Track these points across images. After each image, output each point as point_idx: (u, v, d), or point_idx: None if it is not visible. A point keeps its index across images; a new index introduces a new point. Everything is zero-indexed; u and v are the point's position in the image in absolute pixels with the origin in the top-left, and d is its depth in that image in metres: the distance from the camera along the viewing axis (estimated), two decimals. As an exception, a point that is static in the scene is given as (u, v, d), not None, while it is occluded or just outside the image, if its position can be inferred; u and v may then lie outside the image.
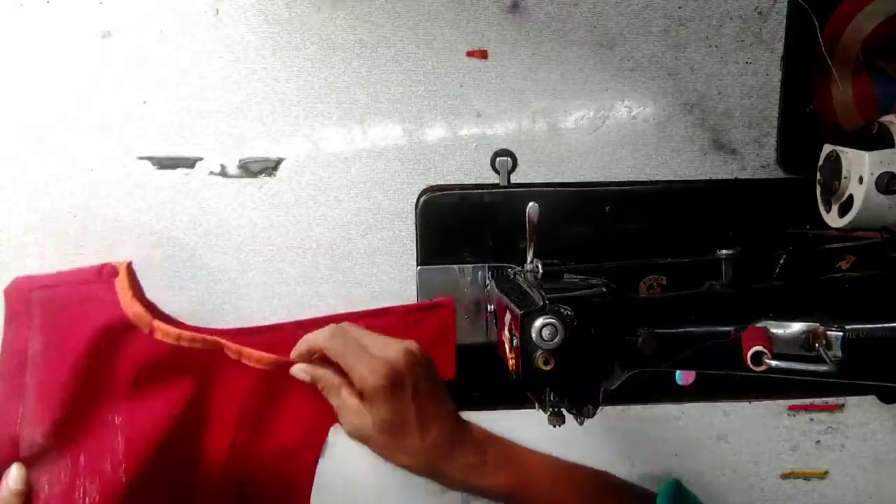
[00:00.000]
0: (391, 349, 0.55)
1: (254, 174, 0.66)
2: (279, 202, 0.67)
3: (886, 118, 0.57)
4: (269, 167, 0.66)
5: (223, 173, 0.66)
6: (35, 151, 0.65)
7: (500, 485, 0.57)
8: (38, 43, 0.64)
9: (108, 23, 0.64)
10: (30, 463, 0.55)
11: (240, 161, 0.66)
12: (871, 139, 0.57)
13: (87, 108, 0.64)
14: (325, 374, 0.57)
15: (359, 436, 0.56)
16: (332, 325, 0.58)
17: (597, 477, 0.62)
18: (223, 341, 0.60)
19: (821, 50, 0.64)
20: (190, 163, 0.65)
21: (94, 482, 0.57)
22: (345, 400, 0.56)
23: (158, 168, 0.65)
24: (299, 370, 0.58)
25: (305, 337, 0.58)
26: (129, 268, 0.60)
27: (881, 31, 0.66)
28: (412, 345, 0.56)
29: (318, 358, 0.57)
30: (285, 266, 0.67)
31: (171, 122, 0.65)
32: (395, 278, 0.68)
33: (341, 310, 0.68)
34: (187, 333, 0.59)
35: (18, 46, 0.64)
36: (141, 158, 0.65)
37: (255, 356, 0.60)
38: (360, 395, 0.55)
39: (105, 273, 0.59)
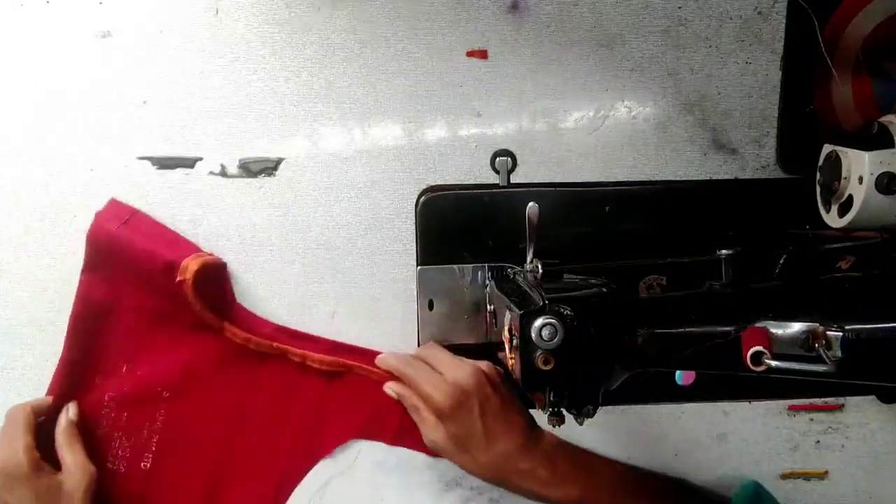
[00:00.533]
0: (460, 370, 0.61)
1: (254, 174, 0.66)
2: (279, 202, 0.67)
3: (886, 118, 0.57)
4: (269, 167, 0.66)
5: (223, 173, 0.66)
6: (35, 151, 0.65)
7: (568, 496, 0.61)
8: (38, 43, 0.64)
9: (108, 23, 0.64)
10: (85, 401, 0.65)
11: (240, 161, 0.66)
12: (871, 139, 0.57)
13: (87, 108, 0.64)
14: (407, 394, 0.64)
15: (434, 448, 0.62)
16: (411, 353, 0.66)
17: (668, 484, 0.64)
18: (287, 346, 0.67)
19: (821, 50, 0.64)
20: (190, 163, 0.65)
21: (130, 440, 0.66)
22: (423, 416, 0.62)
23: (158, 168, 0.65)
24: (388, 388, 0.65)
25: (382, 358, 0.66)
26: (201, 270, 0.63)
27: (881, 31, 0.66)
28: (483, 364, 0.62)
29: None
30: (285, 266, 0.67)
31: (171, 122, 0.65)
32: (395, 278, 0.68)
33: (341, 310, 0.68)
34: (255, 337, 0.66)
35: (18, 46, 0.64)
36: (141, 158, 0.65)
37: (318, 359, 0.67)
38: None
39: (172, 276, 0.63)
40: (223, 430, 0.67)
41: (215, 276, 0.66)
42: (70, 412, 0.64)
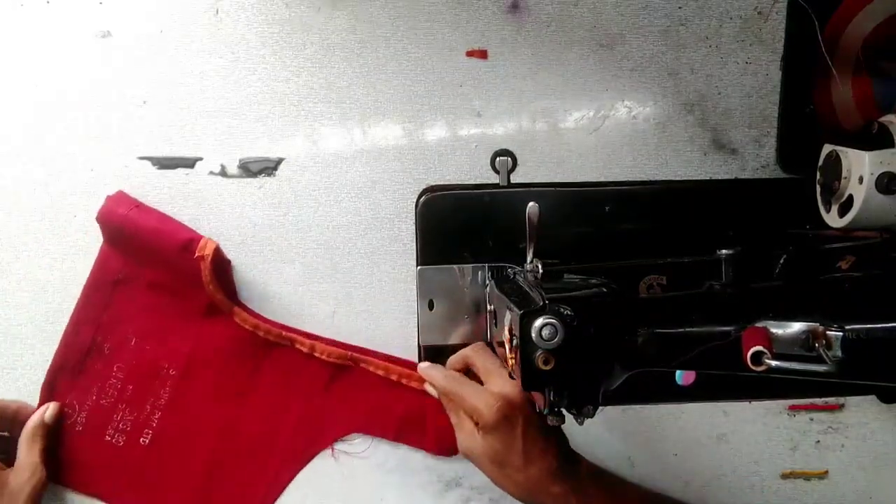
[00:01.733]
0: (510, 384, 0.60)
1: (254, 174, 0.66)
2: (279, 202, 0.67)
3: (886, 118, 0.57)
4: (269, 167, 0.66)
5: (223, 173, 0.66)
6: (35, 151, 0.65)
7: None
8: (38, 43, 0.64)
9: (107, 23, 0.64)
10: (93, 368, 0.66)
11: (240, 161, 0.66)
12: (872, 139, 0.57)
13: (87, 108, 0.64)
14: (449, 404, 0.63)
15: (469, 456, 0.62)
16: (453, 359, 0.65)
17: None
18: (296, 335, 0.67)
19: (821, 50, 0.64)
20: (190, 163, 0.65)
21: (132, 413, 0.66)
22: (462, 421, 0.61)
23: (158, 168, 0.65)
24: (429, 386, 0.65)
25: (425, 371, 0.66)
26: (216, 252, 0.65)
27: (881, 31, 0.66)
28: None
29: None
30: (285, 266, 0.67)
31: (171, 122, 0.65)
32: (395, 278, 0.68)
33: (341, 310, 0.68)
34: (263, 324, 0.67)
35: (18, 46, 0.64)
36: (141, 158, 0.65)
37: (326, 350, 0.67)
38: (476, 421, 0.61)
39: (189, 253, 0.64)
40: (225, 412, 0.67)
41: (224, 267, 0.67)
42: (48, 413, 0.65)
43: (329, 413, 0.68)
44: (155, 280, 0.66)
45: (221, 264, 0.66)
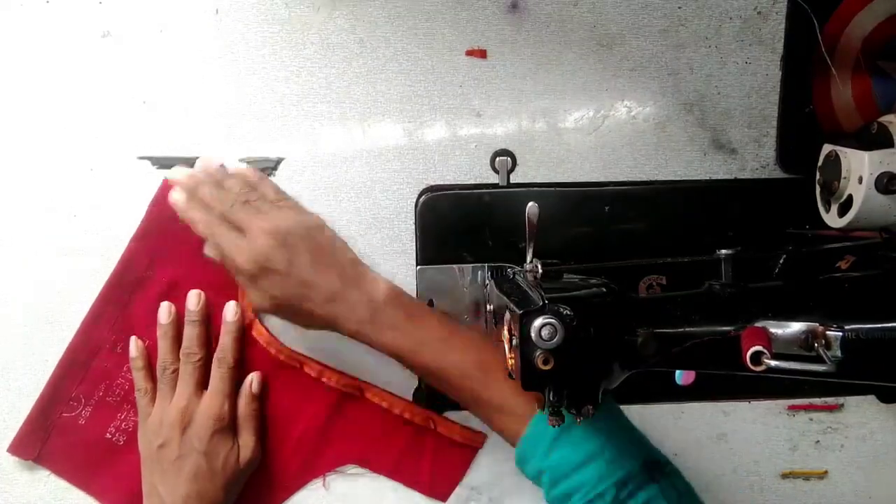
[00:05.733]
0: (280, 217, 0.59)
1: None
2: (279, 202, 0.67)
3: (886, 118, 0.57)
4: (270, 167, 0.66)
5: (223, 173, 0.66)
6: (35, 151, 0.65)
7: (391, 345, 0.59)
8: (38, 43, 0.64)
9: (108, 23, 0.64)
10: (107, 362, 0.66)
11: (240, 161, 0.66)
12: (871, 139, 0.57)
13: (87, 108, 0.64)
14: (208, 225, 0.60)
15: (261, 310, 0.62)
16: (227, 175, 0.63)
17: (490, 352, 0.60)
18: (305, 359, 0.67)
19: (820, 50, 0.64)
20: (190, 163, 0.65)
21: (137, 416, 0.66)
22: (234, 241, 0.58)
23: (158, 168, 0.65)
24: (180, 210, 0.61)
25: (175, 171, 0.63)
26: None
27: (881, 31, 0.66)
28: (314, 215, 0.63)
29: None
30: (285, 266, 0.67)
31: (170, 122, 0.65)
32: (396, 278, 0.68)
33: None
34: (276, 342, 0.67)
35: (18, 46, 0.64)
36: (141, 158, 0.65)
37: (334, 377, 0.67)
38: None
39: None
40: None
41: None
42: (254, 384, 0.66)
43: (329, 440, 0.68)
44: (176, 280, 0.66)
45: None
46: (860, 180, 0.55)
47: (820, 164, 0.61)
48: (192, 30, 0.64)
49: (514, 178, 0.67)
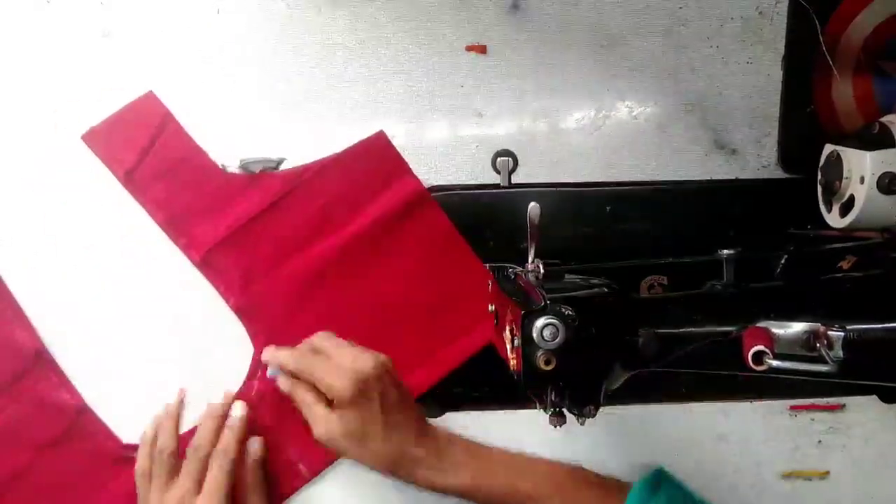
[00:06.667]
0: (359, 360, 0.59)
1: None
2: (280, 202, 0.66)
3: (888, 118, 0.57)
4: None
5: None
6: (35, 151, 0.65)
7: (461, 484, 0.61)
8: (38, 43, 0.64)
9: (108, 22, 0.64)
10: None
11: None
12: (873, 139, 0.57)
13: (87, 107, 0.64)
14: (300, 389, 0.61)
15: (329, 441, 0.59)
16: (299, 346, 0.63)
17: (562, 471, 0.63)
18: None
19: (822, 50, 0.64)
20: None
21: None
22: (314, 408, 0.60)
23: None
24: (282, 383, 0.62)
25: (272, 353, 0.63)
26: None
27: (882, 31, 0.66)
28: (382, 356, 0.61)
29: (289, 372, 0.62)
30: (286, 266, 0.67)
31: (171, 122, 0.65)
32: (396, 278, 0.68)
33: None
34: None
35: (18, 46, 0.64)
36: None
37: None
38: (330, 403, 0.60)
39: None
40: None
41: None
42: (256, 451, 0.65)
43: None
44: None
45: None
46: (862, 180, 0.55)
47: (821, 164, 0.61)
48: (193, 30, 0.64)
49: (515, 179, 0.67)
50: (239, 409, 0.65)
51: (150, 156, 0.64)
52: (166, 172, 0.64)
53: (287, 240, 0.65)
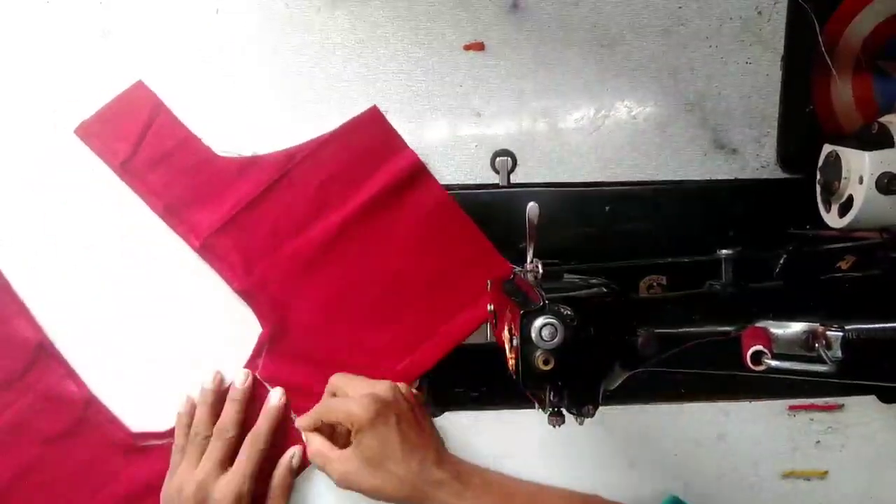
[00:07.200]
0: (376, 386, 0.61)
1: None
2: (279, 202, 0.66)
3: (887, 118, 0.57)
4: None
5: (223, 173, 0.66)
6: (35, 151, 0.65)
7: None
8: (38, 42, 0.64)
9: (107, 22, 0.64)
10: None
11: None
12: (872, 139, 0.57)
13: (87, 107, 0.64)
14: (312, 441, 0.62)
15: (348, 477, 0.60)
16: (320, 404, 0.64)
17: (580, 500, 0.63)
18: None
19: (821, 50, 0.64)
20: None
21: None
22: (329, 456, 0.60)
23: None
24: (299, 425, 0.64)
25: (303, 421, 0.63)
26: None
27: (881, 31, 0.66)
28: (399, 384, 0.63)
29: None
30: (285, 266, 0.67)
31: (171, 122, 0.65)
32: (395, 278, 0.68)
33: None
34: None
35: (18, 46, 0.64)
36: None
37: None
38: (344, 444, 0.61)
39: None
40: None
41: None
42: (294, 459, 0.66)
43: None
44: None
45: None
46: (861, 180, 0.55)
47: (820, 164, 0.61)
48: (192, 29, 0.64)
49: (514, 179, 0.67)
50: (276, 399, 0.66)
51: (144, 145, 0.64)
52: (161, 160, 0.64)
53: (287, 220, 0.65)
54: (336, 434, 0.63)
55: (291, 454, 0.66)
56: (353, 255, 0.66)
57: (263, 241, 0.65)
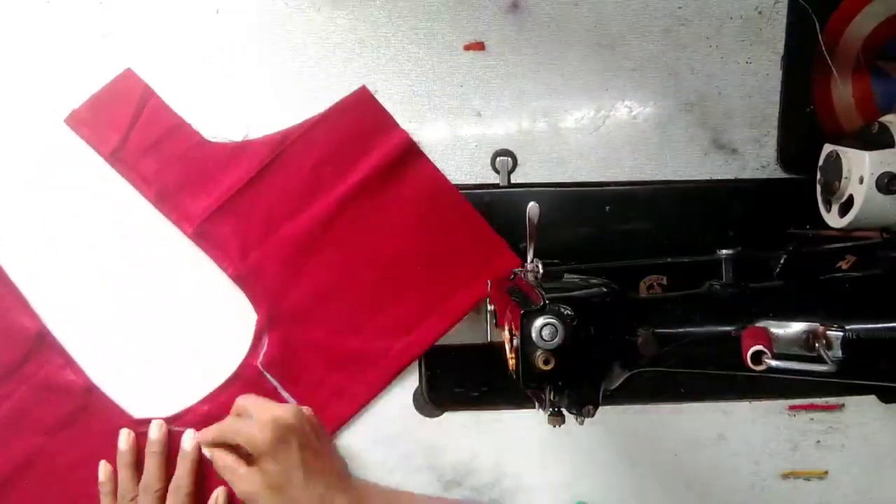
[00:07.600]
0: (279, 409, 0.61)
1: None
2: (279, 202, 0.66)
3: (887, 118, 0.57)
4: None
5: (223, 173, 0.66)
6: (35, 151, 0.65)
7: None
8: (38, 43, 0.64)
9: (107, 23, 0.64)
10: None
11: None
12: (872, 139, 0.57)
13: (88, 107, 0.64)
14: (219, 453, 0.62)
15: (248, 498, 0.60)
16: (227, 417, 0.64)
17: None
18: None
19: (821, 50, 0.64)
20: None
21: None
22: (235, 469, 0.61)
23: None
24: (205, 451, 0.64)
25: (201, 439, 0.64)
26: None
27: (881, 31, 0.66)
28: (304, 407, 0.64)
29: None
30: (285, 266, 0.67)
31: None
32: (396, 278, 0.68)
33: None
34: None
35: (18, 46, 0.64)
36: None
37: None
38: (248, 461, 0.60)
39: None
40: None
41: None
42: (219, 500, 0.66)
43: None
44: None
45: None
46: (861, 180, 0.55)
47: (821, 164, 0.61)
48: (192, 30, 0.64)
49: (514, 178, 0.67)
50: (189, 441, 0.65)
51: (134, 132, 0.64)
52: (152, 147, 0.64)
53: (280, 204, 0.65)
54: (241, 451, 0.62)
55: (216, 496, 0.66)
56: (347, 236, 0.65)
57: (258, 224, 0.65)
